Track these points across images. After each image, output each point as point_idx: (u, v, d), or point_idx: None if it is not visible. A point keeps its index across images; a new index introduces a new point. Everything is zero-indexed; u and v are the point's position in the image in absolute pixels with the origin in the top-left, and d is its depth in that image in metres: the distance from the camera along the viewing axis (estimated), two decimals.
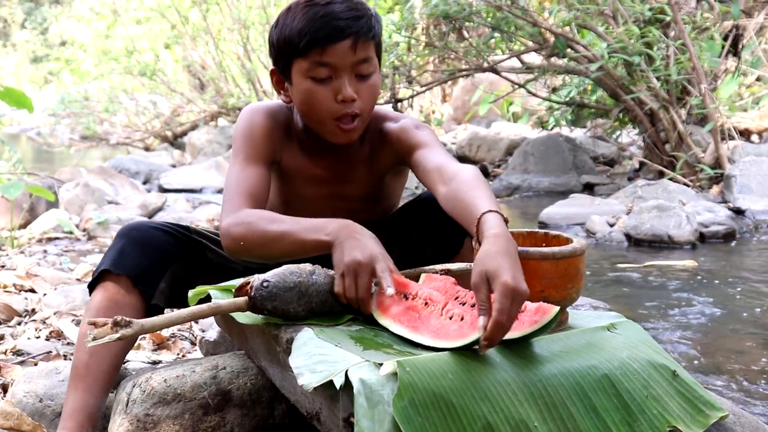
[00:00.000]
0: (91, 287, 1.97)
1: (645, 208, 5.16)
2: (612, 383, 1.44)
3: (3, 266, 4.15)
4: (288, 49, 1.93)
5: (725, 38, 7.10)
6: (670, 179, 6.36)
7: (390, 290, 1.60)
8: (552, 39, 7.03)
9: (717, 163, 6.47)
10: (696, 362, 2.84)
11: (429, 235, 2.00)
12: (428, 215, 1.99)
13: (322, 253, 1.74)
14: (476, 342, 1.41)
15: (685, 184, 6.28)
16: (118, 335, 1.46)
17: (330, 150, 2.08)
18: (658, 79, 6.64)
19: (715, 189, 6.29)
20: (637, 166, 7.92)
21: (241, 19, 12.57)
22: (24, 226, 5.52)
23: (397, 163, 2.10)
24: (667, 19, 6.66)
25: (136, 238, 1.97)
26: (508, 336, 1.43)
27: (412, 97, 8.41)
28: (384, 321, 1.60)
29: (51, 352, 2.67)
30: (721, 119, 6.56)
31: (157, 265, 1.96)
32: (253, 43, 12.80)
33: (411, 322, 1.57)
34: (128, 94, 14.67)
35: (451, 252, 1.98)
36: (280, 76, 2.02)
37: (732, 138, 6.87)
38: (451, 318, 1.53)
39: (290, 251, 1.82)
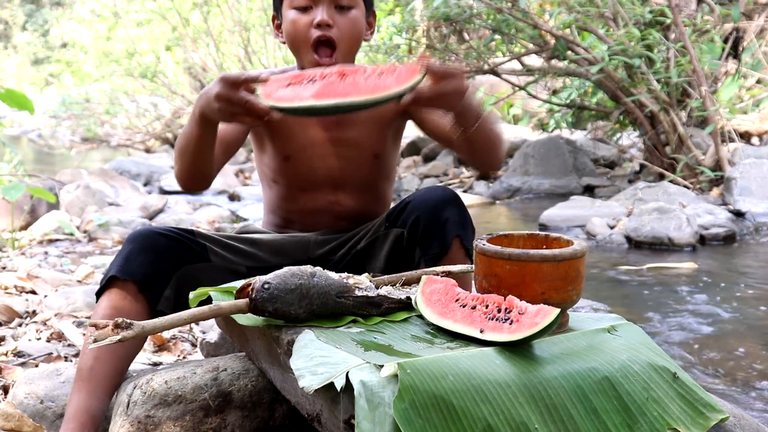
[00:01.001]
0: (99, 294, 1.98)
1: (645, 210, 5.17)
2: (612, 385, 1.44)
3: (4, 268, 4.15)
4: None
5: (725, 41, 7.11)
6: (671, 181, 6.37)
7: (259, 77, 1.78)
8: (552, 41, 7.03)
9: (717, 166, 6.48)
10: (696, 364, 2.84)
11: (418, 236, 2.01)
12: (418, 216, 2.00)
13: (210, 126, 1.93)
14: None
15: (686, 187, 6.29)
16: (118, 337, 1.46)
17: None
18: (658, 81, 6.65)
19: (716, 191, 6.29)
20: (637, 168, 7.92)
21: (242, 22, 12.58)
22: (25, 227, 5.52)
23: (398, 113, 2.23)
24: (668, 21, 6.67)
25: (142, 243, 1.98)
26: (509, 338, 1.44)
27: None
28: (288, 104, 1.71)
29: (52, 353, 2.67)
30: (721, 122, 6.56)
31: (162, 271, 1.98)
32: (254, 45, 12.81)
33: None
34: (129, 96, 14.66)
35: (439, 253, 1.98)
36: (279, 17, 2.20)
37: (732, 140, 6.88)
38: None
39: (198, 148, 2.00)
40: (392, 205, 2.32)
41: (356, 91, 1.69)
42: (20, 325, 3.10)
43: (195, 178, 2.11)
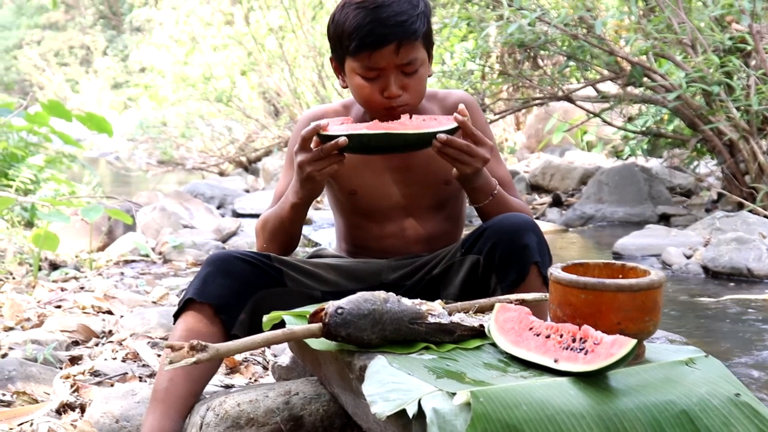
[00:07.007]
0: (176, 316, 2.01)
1: (723, 240, 5.06)
2: (690, 419, 1.41)
3: (82, 288, 4.24)
4: (340, 47, 2.09)
5: None
6: (750, 211, 6.22)
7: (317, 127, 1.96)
8: (628, 68, 6.96)
9: None
10: None
11: (494, 263, 1.99)
12: (495, 243, 1.99)
13: (306, 206, 2.13)
14: None
15: (766, 217, 6.14)
16: (194, 359, 1.48)
17: None
18: (738, 109, 6.53)
19: None
20: (715, 197, 7.77)
21: (316, 47, 12.70)
22: (102, 248, 5.64)
23: None
24: (748, 48, 6.55)
25: (220, 267, 2.01)
26: (584, 368, 1.42)
27: None
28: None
29: (127, 373, 2.71)
30: None
31: (238, 295, 2.00)
32: (327, 70, 12.90)
33: None
34: (204, 120, 14.90)
35: (516, 280, 1.96)
36: (337, 64, 2.18)
37: None
38: None
39: (292, 228, 2.19)
40: (465, 225, 2.32)
41: (403, 127, 1.98)
42: (97, 345, 3.16)
43: (287, 251, 2.22)
